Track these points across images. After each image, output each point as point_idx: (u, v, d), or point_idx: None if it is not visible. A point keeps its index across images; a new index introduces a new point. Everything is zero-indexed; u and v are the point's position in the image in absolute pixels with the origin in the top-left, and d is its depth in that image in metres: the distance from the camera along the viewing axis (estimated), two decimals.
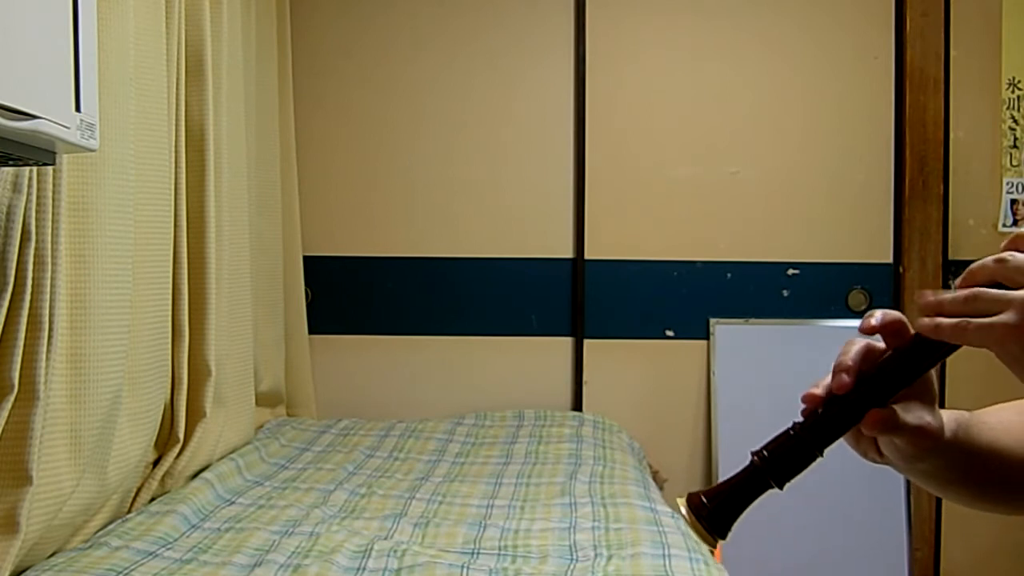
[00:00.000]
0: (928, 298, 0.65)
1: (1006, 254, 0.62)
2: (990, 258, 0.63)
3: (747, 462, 0.70)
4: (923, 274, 2.66)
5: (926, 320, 0.64)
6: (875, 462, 0.73)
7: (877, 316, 0.69)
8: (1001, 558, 2.64)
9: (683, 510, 0.69)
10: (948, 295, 0.64)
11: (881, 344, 0.69)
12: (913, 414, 0.69)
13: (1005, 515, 0.82)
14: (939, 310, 0.64)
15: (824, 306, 2.71)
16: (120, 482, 1.62)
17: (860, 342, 0.70)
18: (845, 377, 0.67)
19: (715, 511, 0.68)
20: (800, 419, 0.70)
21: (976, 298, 0.62)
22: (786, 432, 0.70)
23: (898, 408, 0.68)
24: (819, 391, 0.69)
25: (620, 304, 2.72)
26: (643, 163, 2.72)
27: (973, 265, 0.64)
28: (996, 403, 0.82)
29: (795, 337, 2.68)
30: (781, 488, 0.69)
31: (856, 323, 2.67)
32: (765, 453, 0.69)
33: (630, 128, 2.72)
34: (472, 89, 2.73)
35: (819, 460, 0.69)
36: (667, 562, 1.41)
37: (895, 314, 0.69)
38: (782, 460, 0.68)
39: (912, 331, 0.69)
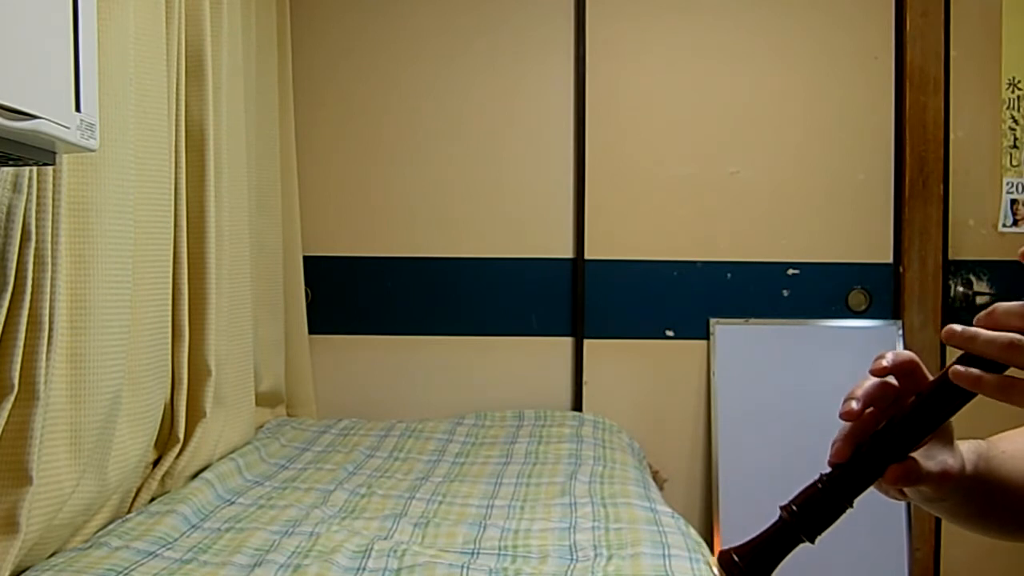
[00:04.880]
0: (955, 330, 0.61)
1: None
2: (1017, 307, 0.60)
3: (776, 517, 0.69)
4: (923, 274, 2.66)
5: (962, 370, 0.61)
6: (896, 500, 0.72)
7: (888, 357, 0.67)
8: (1001, 558, 2.64)
9: (715, 570, 0.68)
10: (981, 333, 0.61)
11: (895, 382, 0.68)
12: (935, 460, 0.67)
13: None
14: (970, 347, 0.61)
15: (824, 306, 2.71)
16: (120, 482, 1.62)
17: (871, 379, 0.68)
18: (854, 404, 0.66)
19: (748, 569, 0.68)
20: (827, 470, 0.69)
21: (1017, 349, 0.58)
22: (814, 485, 0.69)
23: (919, 455, 0.67)
24: (841, 443, 0.67)
25: (620, 304, 2.72)
26: (643, 163, 2.72)
27: (999, 307, 0.61)
28: (1003, 424, 0.80)
29: (795, 337, 2.68)
30: (813, 542, 0.68)
31: (856, 323, 2.69)
32: (794, 508, 0.68)
33: (630, 128, 2.72)
34: (472, 89, 2.73)
35: (849, 511, 0.68)
36: (667, 562, 1.41)
37: (907, 354, 0.68)
38: (812, 514, 0.68)
39: (925, 372, 0.68)
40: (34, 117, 1.02)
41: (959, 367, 0.62)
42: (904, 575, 2.61)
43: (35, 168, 1.32)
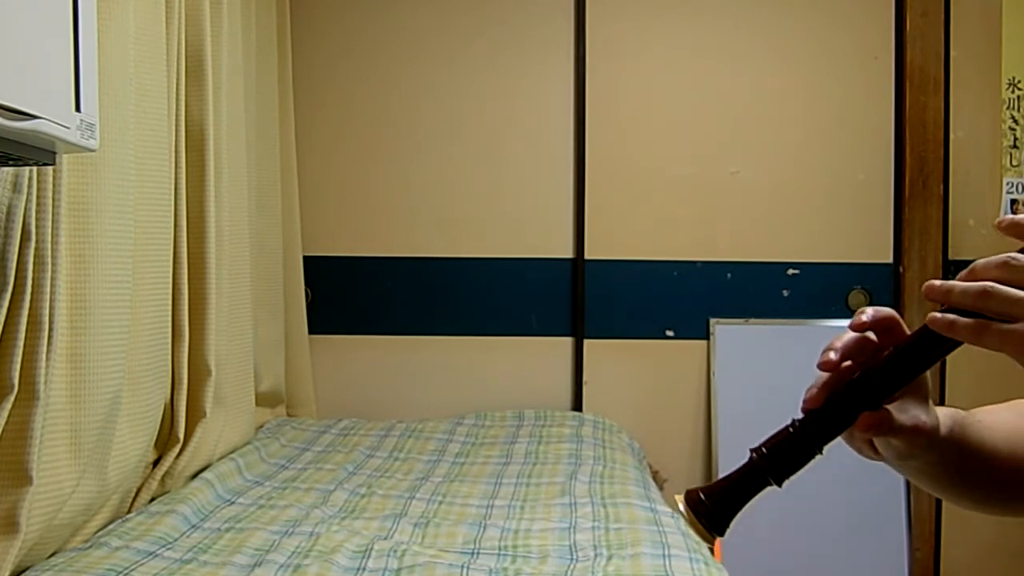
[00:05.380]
0: (935, 286, 0.63)
1: (1009, 257, 0.61)
2: (995, 259, 0.61)
3: (746, 459, 0.70)
4: (923, 274, 2.66)
5: (938, 316, 0.62)
6: (870, 458, 0.73)
7: (868, 312, 0.68)
8: (1001, 558, 2.64)
9: (681, 507, 0.69)
10: (957, 284, 0.62)
11: (875, 338, 0.68)
12: (908, 414, 0.68)
13: (999, 516, 0.80)
14: (947, 299, 0.62)
15: (824, 306, 2.71)
16: (120, 482, 1.62)
17: (851, 332, 0.69)
18: (832, 355, 0.66)
19: (714, 508, 0.68)
20: (800, 416, 0.69)
21: (990, 295, 0.60)
22: (785, 429, 0.69)
23: (892, 408, 0.67)
24: (816, 390, 0.68)
25: (620, 304, 2.72)
26: (643, 163, 2.72)
27: (977, 263, 0.62)
28: (993, 400, 0.81)
29: (795, 337, 2.68)
30: (780, 486, 0.68)
31: None
32: (764, 450, 0.69)
33: (630, 128, 2.72)
34: (472, 89, 2.73)
35: (818, 458, 0.68)
36: (667, 562, 1.41)
37: (887, 311, 0.68)
38: (781, 457, 0.68)
39: (905, 329, 0.68)
40: (34, 117, 1.02)
41: (935, 313, 0.63)
42: (904, 575, 2.61)
43: (35, 168, 1.32)
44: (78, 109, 1.11)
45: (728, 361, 2.69)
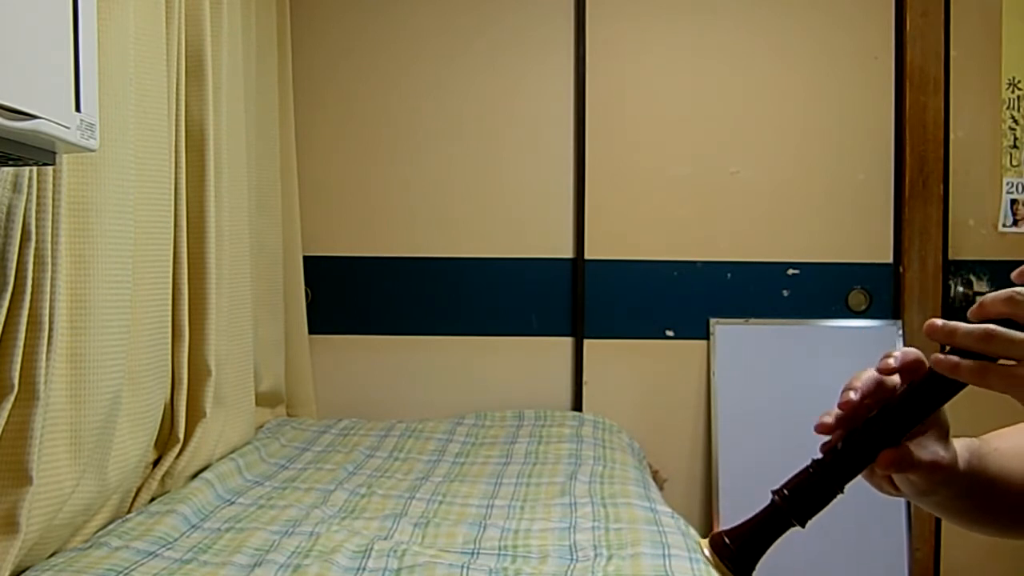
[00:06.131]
0: (936, 325, 0.63)
1: (1015, 292, 0.61)
2: (1002, 294, 0.62)
3: (768, 501, 0.70)
4: (923, 274, 2.66)
5: (942, 358, 0.63)
6: (889, 494, 0.73)
7: (896, 356, 0.68)
8: (1001, 558, 2.64)
9: (706, 551, 0.69)
10: (960, 326, 0.62)
11: (895, 379, 0.69)
12: (927, 450, 0.68)
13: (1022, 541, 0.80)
14: (950, 341, 0.63)
15: (824, 306, 2.71)
16: (120, 482, 1.62)
17: (871, 372, 0.69)
18: (852, 395, 0.67)
19: (738, 552, 0.69)
20: (818, 456, 0.69)
21: (992, 338, 0.60)
22: (805, 470, 0.70)
23: (912, 445, 0.67)
24: (830, 419, 0.68)
25: (620, 304, 2.72)
26: (643, 163, 2.72)
27: (985, 297, 0.63)
28: (988, 413, 0.81)
29: (795, 337, 2.68)
30: (803, 526, 0.69)
31: (856, 323, 2.69)
32: (786, 492, 0.69)
33: (630, 128, 2.72)
34: (472, 89, 2.73)
35: (840, 497, 0.69)
36: (667, 562, 1.41)
37: (913, 353, 0.69)
38: (803, 498, 0.69)
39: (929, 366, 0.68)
40: (34, 117, 1.02)
41: (939, 355, 0.64)
42: (904, 575, 2.61)
43: (35, 168, 1.32)
44: (78, 109, 1.11)
45: (728, 361, 2.69)
